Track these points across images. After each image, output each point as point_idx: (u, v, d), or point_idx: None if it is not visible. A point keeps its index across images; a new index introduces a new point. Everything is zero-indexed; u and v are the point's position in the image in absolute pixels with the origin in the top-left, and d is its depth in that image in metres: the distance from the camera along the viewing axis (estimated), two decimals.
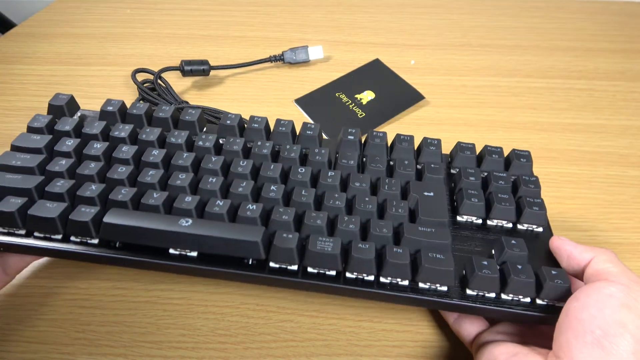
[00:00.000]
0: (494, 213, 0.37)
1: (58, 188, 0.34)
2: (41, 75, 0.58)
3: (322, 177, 0.37)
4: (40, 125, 0.39)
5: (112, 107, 0.41)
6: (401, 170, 0.38)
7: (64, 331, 0.39)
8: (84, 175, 0.36)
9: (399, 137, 0.41)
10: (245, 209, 0.34)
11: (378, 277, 0.33)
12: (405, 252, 0.32)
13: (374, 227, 0.34)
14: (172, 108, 0.42)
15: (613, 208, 0.47)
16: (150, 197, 0.34)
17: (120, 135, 0.39)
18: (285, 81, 0.57)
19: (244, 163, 0.37)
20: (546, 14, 0.65)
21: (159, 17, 0.65)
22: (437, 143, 0.41)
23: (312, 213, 0.34)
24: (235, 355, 0.38)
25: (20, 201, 0.33)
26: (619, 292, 0.28)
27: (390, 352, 0.38)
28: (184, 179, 0.36)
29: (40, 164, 0.36)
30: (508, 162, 0.41)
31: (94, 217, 0.33)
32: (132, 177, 0.36)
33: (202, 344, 0.39)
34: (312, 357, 0.38)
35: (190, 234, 0.32)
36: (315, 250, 0.32)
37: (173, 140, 0.39)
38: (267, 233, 0.33)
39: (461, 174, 0.39)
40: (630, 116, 0.54)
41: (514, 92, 0.56)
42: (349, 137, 0.40)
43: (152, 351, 0.38)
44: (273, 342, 0.39)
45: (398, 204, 0.36)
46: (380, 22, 0.64)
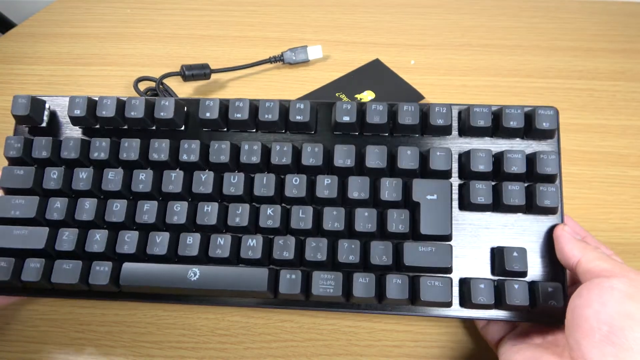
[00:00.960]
0: (501, 207, 0.36)
1: (68, 245, 0.36)
2: (41, 75, 0.58)
3: (318, 189, 0.36)
4: (17, 154, 0.38)
5: (79, 111, 0.38)
6: (403, 166, 0.36)
7: (64, 331, 0.39)
8: (85, 222, 0.37)
9: (401, 109, 0.37)
10: (247, 247, 0.35)
11: (380, 302, 0.35)
12: (404, 283, 0.34)
13: (374, 256, 0.35)
14: (142, 102, 0.38)
15: (613, 208, 0.47)
16: (154, 245, 0.36)
17: (101, 157, 0.37)
18: (285, 81, 0.57)
19: (236, 180, 0.37)
20: (546, 14, 0.65)
21: (159, 17, 0.65)
22: (447, 112, 0.37)
23: (312, 243, 0.35)
24: (235, 355, 0.38)
25: (40, 265, 0.36)
26: (619, 284, 0.27)
27: (390, 352, 0.38)
28: (180, 212, 0.36)
29: (38, 209, 0.37)
30: (529, 124, 0.37)
31: (110, 277, 0.35)
32: (129, 215, 0.37)
33: (202, 344, 0.39)
34: (312, 357, 0.38)
35: (200, 289, 0.35)
36: (318, 293, 0.34)
37: (156, 157, 0.37)
38: (272, 274, 0.35)
39: (470, 162, 0.36)
40: (630, 116, 0.53)
41: (514, 92, 0.56)
42: (344, 118, 0.37)
43: (152, 351, 0.38)
44: (273, 342, 0.39)
45: (399, 217, 0.35)
46: (380, 22, 0.64)
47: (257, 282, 0.34)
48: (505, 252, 0.34)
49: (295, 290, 0.34)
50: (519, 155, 0.36)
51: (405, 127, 0.37)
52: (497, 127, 0.37)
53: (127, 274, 0.35)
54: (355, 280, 0.34)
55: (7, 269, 0.36)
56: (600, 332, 0.26)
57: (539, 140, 0.37)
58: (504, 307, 0.34)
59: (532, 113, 0.36)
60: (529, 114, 0.37)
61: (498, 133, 0.37)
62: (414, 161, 0.36)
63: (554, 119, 0.36)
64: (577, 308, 0.28)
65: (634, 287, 0.27)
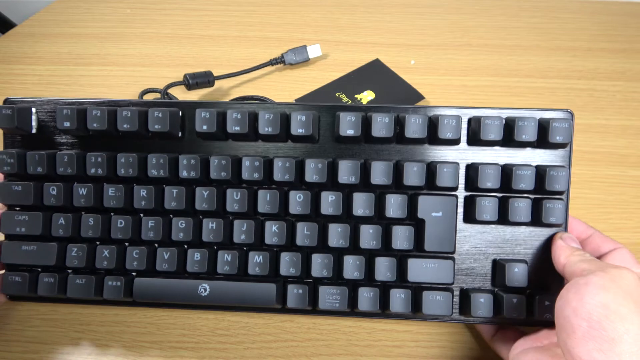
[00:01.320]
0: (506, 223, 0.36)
1: (78, 262, 0.37)
2: (41, 75, 0.58)
3: (323, 205, 0.36)
4: (11, 170, 0.37)
5: (68, 123, 0.37)
6: (409, 183, 0.35)
7: (64, 331, 0.39)
8: (92, 238, 0.37)
9: (409, 119, 0.35)
10: (254, 263, 0.36)
11: (384, 312, 0.36)
12: (407, 297, 0.35)
13: (378, 272, 0.35)
14: (134, 113, 0.36)
15: (613, 208, 0.47)
16: (163, 261, 0.37)
17: (98, 173, 0.37)
18: (285, 82, 0.58)
19: (238, 197, 0.36)
20: (546, 14, 0.65)
21: (159, 17, 0.65)
22: (456, 125, 0.35)
23: (317, 259, 0.36)
24: (235, 355, 0.38)
25: (54, 280, 0.37)
26: (594, 277, 0.28)
27: (390, 352, 0.38)
28: (184, 229, 0.37)
29: (44, 225, 0.37)
30: (543, 134, 0.35)
31: (124, 291, 0.37)
32: (135, 232, 0.37)
33: (202, 344, 0.39)
34: (312, 357, 0.38)
35: (210, 305, 0.37)
36: (325, 307, 0.35)
37: (155, 174, 0.36)
38: (279, 288, 0.36)
39: (477, 177, 0.35)
40: (630, 116, 0.53)
41: (514, 92, 0.56)
42: (348, 131, 0.36)
43: (152, 351, 0.38)
44: (273, 342, 0.39)
45: (403, 233, 0.35)
46: (380, 22, 0.64)
47: (266, 297, 0.35)
48: (506, 268, 0.35)
49: (303, 304, 0.36)
50: (528, 172, 0.35)
51: (413, 140, 0.36)
52: (509, 138, 0.35)
53: (140, 289, 0.37)
54: (360, 294, 0.35)
55: (23, 284, 0.37)
56: (580, 329, 0.26)
57: (551, 149, 0.36)
58: (502, 319, 0.35)
59: (546, 124, 0.35)
60: (543, 123, 0.35)
61: (509, 143, 0.36)
62: (419, 178, 0.35)
63: (568, 132, 0.35)
64: (559, 309, 0.28)
65: (609, 279, 0.27)
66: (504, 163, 0.36)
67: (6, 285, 0.37)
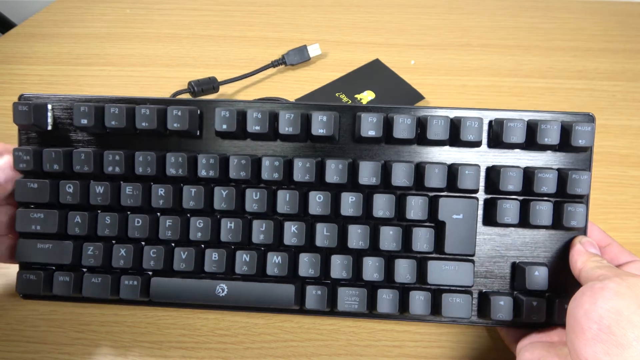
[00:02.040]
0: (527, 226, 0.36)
1: (94, 261, 0.37)
2: (41, 75, 0.58)
3: (343, 207, 0.36)
4: (27, 167, 0.37)
5: (86, 121, 0.36)
6: (430, 185, 0.35)
7: (64, 331, 0.39)
8: (107, 237, 0.37)
9: (431, 121, 0.35)
10: (272, 263, 0.36)
11: (402, 314, 0.36)
12: (427, 299, 0.35)
13: (397, 274, 0.35)
14: (154, 111, 0.36)
15: (613, 208, 0.47)
16: (180, 261, 0.36)
17: (116, 171, 0.36)
18: (285, 81, 0.58)
19: (257, 196, 0.36)
20: (546, 14, 0.65)
21: (159, 17, 0.65)
22: (478, 127, 0.35)
23: (337, 260, 0.36)
24: (235, 355, 0.38)
25: (69, 279, 0.36)
26: (610, 283, 0.28)
27: (390, 352, 0.38)
28: (202, 228, 0.36)
29: (60, 223, 0.37)
30: (566, 137, 0.35)
31: (140, 291, 0.36)
32: (152, 231, 0.37)
33: (202, 344, 0.39)
34: (312, 357, 0.38)
35: (228, 305, 0.36)
36: (344, 309, 0.35)
37: (174, 173, 0.36)
38: (298, 289, 0.36)
39: (499, 180, 0.35)
40: (631, 116, 0.53)
41: (514, 92, 0.56)
42: (369, 132, 0.35)
43: (152, 351, 0.38)
44: (273, 342, 0.39)
45: (424, 235, 0.35)
46: (380, 22, 0.64)
47: (285, 297, 0.35)
48: (527, 271, 0.35)
49: (322, 305, 0.35)
50: (550, 175, 0.35)
51: (434, 142, 0.36)
52: (531, 141, 0.35)
53: (157, 289, 0.36)
54: (379, 296, 0.35)
55: (38, 282, 0.36)
56: (590, 331, 0.27)
57: (573, 152, 0.36)
58: (521, 321, 0.35)
59: (569, 128, 0.35)
60: (565, 127, 0.35)
61: (531, 146, 0.36)
62: (441, 180, 0.35)
63: (590, 136, 0.35)
64: (571, 310, 0.28)
65: (625, 286, 0.27)
66: (525, 166, 0.36)
67: (20, 284, 0.37)
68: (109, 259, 0.37)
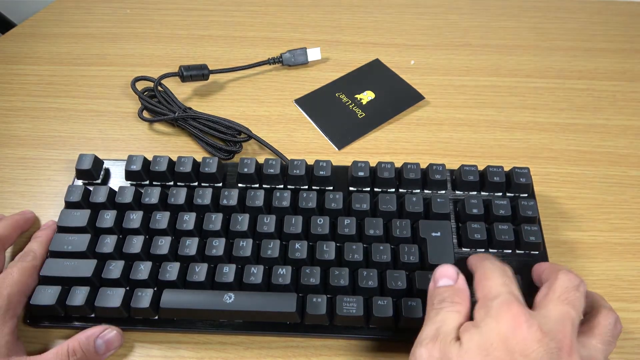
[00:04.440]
0: (494, 244, 0.41)
1: (113, 274, 0.38)
2: (41, 75, 0.58)
3: (339, 227, 0.41)
4: (76, 199, 0.42)
5: (135, 166, 0.44)
6: (410, 209, 0.42)
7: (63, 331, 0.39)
8: (132, 255, 0.40)
9: (405, 167, 0.44)
10: (277, 275, 0.38)
11: (396, 326, 0.38)
12: (418, 305, 0.37)
13: (390, 281, 0.38)
14: (190, 160, 0.44)
15: (613, 208, 0.47)
16: (194, 273, 0.39)
17: (151, 201, 0.42)
18: (285, 81, 0.57)
19: (268, 220, 0.41)
20: (546, 14, 0.65)
21: (159, 17, 0.65)
22: (442, 170, 0.44)
23: (335, 271, 0.39)
24: (235, 356, 0.38)
25: (85, 292, 0.38)
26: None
27: (390, 348, 0.38)
28: (218, 246, 0.40)
29: (89, 245, 0.40)
30: (509, 180, 0.44)
31: (151, 301, 0.37)
32: (173, 249, 0.40)
33: (202, 344, 0.39)
34: (312, 357, 0.38)
35: (234, 311, 0.37)
36: (342, 314, 0.37)
37: (200, 202, 0.42)
38: (299, 298, 0.38)
39: (464, 206, 0.42)
40: (630, 116, 0.53)
41: (514, 92, 0.56)
42: (359, 173, 0.44)
43: (152, 351, 0.38)
44: (273, 342, 0.39)
45: (409, 250, 0.40)
46: (380, 22, 0.64)
47: (287, 304, 0.37)
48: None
49: (321, 311, 0.37)
50: (504, 201, 0.42)
51: (409, 182, 0.43)
52: (483, 183, 0.44)
53: (168, 298, 0.37)
54: (374, 302, 0.37)
55: (53, 294, 0.37)
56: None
57: (519, 193, 0.44)
58: None
59: (510, 172, 0.44)
60: (508, 173, 0.44)
61: (484, 188, 0.44)
62: (418, 205, 0.42)
63: (528, 176, 0.43)
64: None
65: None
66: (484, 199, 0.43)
67: (34, 297, 0.37)
68: (128, 273, 0.39)
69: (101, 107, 0.55)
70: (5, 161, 0.50)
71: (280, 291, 0.38)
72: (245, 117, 0.53)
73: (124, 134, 0.52)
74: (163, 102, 0.52)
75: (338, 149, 0.51)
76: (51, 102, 0.55)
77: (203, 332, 0.38)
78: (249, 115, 0.54)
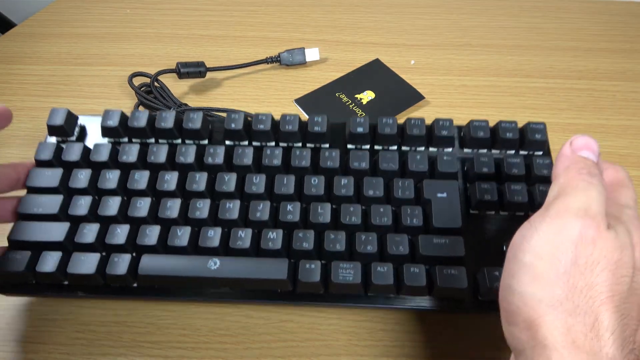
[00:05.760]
0: (506, 206, 0.37)
1: (88, 237, 0.36)
2: (41, 75, 0.58)
3: (335, 187, 0.37)
4: (47, 157, 0.39)
5: (112, 122, 0.40)
6: (414, 168, 0.38)
7: (64, 331, 0.39)
8: (108, 217, 0.37)
9: (409, 123, 0.40)
10: (267, 239, 0.35)
11: (397, 294, 0.35)
12: (421, 272, 0.34)
13: (390, 246, 0.35)
14: (172, 115, 0.40)
15: None
16: (175, 237, 0.36)
17: (129, 160, 0.39)
18: (284, 81, 0.57)
19: (257, 180, 0.38)
20: (546, 14, 0.65)
21: (159, 17, 0.65)
22: (449, 125, 0.39)
23: (330, 235, 0.35)
24: (235, 355, 0.38)
25: (57, 257, 0.35)
26: (538, 220, 0.27)
27: (391, 352, 0.38)
28: (202, 208, 0.37)
29: (61, 207, 0.37)
30: (522, 137, 0.40)
31: (129, 267, 0.35)
32: (152, 211, 0.37)
33: (202, 344, 0.39)
34: (312, 357, 0.38)
35: (220, 278, 0.34)
36: (338, 281, 0.34)
37: (182, 160, 0.39)
38: (291, 264, 0.35)
39: (474, 165, 0.38)
40: (631, 116, 0.53)
41: (514, 92, 0.56)
42: (358, 129, 0.39)
43: (152, 351, 0.38)
44: (273, 342, 0.39)
45: (412, 212, 0.36)
46: (380, 22, 0.64)
47: (277, 270, 0.34)
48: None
49: (315, 278, 0.34)
50: (517, 159, 0.38)
51: (413, 138, 0.39)
52: (495, 140, 0.40)
53: (147, 264, 0.35)
54: (373, 269, 0.34)
55: (22, 260, 0.35)
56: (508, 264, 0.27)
57: (533, 151, 0.40)
58: None
59: (525, 128, 0.40)
60: (522, 129, 0.40)
61: (496, 145, 0.40)
62: (423, 164, 0.38)
63: (544, 132, 0.39)
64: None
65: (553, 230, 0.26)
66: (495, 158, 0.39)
67: (1, 263, 0.35)
68: (104, 238, 0.36)
69: (101, 107, 0.54)
70: (5, 161, 0.50)
71: (270, 257, 0.35)
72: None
73: None
74: (159, 98, 0.52)
75: None
76: (51, 102, 0.55)
77: (185, 300, 0.37)
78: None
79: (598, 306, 0.24)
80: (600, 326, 0.23)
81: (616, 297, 0.24)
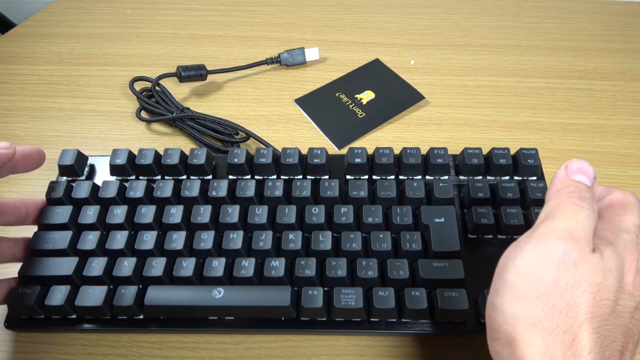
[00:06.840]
0: (503, 229, 0.38)
1: (95, 270, 0.37)
2: (41, 75, 0.58)
3: (336, 216, 0.39)
4: (58, 195, 0.40)
5: (120, 160, 0.42)
6: (411, 195, 0.39)
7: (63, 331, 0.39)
8: (115, 251, 0.38)
9: (405, 152, 0.41)
10: (270, 267, 0.36)
11: (400, 319, 0.36)
12: (422, 295, 0.35)
13: (391, 271, 0.36)
14: (177, 152, 0.42)
15: None
16: (181, 268, 0.37)
17: (136, 195, 0.40)
18: (284, 81, 0.57)
19: (260, 211, 0.39)
20: (546, 14, 0.65)
21: (159, 17, 0.65)
22: (444, 153, 0.41)
23: (332, 262, 0.36)
24: (235, 355, 0.38)
25: (65, 291, 0.36)
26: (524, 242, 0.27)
27: (391, 352, 0.38)
28: (206, 240, 0.38)
29: (70, 242, 0.38)
30: (516, 163, 0.41)
31: (135, 299, 0.35)
32: (159, 244, 0.38)
33: (202, 344, 0.39)
34: (312, 357, 0.38)
35: (224, 307, 0.35)
36: (341, 306, 0.34)
37: (187, 194, 0.40)
38: (294, 292, 0.36)
39: (469, 191, 0.40)
40: (631, 116, 0.53)
41: (514, 92, 0.56)
42: (356, 160, 0.41)
43: (152, 351, 0.38)
44: (273, 342, 0.39)
45: (411, 237, 0.37)
46: (380, 22, 0.64)
47: (281, 297, 0.35)
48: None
49: (317, 304, 0.35)
50: (512, 184, 0.39)
51: (409, 167, 0.41)
52: (489, 166, 0.41)
53: (153, 294, 0.36)
54: (375, 293, 0.35)
55: (32, 294, 0.36)
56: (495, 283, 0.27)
57: (527, 176, 0.41)
58: None
59: (517, 154, 0.41)
60: (514, 155, 0.41)
61: (490, 172, 0.41)
62: (420, 191, 0.39)
63: (536, 157, 0.41)
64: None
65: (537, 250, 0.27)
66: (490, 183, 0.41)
67: (12, 298, 0.36)
68: (111, 270, 0.37)
69: (101, 107, 0.55)
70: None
71: (273, 284, 0.36)
72: (245, 117, 0.53)
73: (124, 134, 0.52)
74: (161, 102, 0.52)
75: (338, 149, 0.51)
76: (51, 102, 0.55)
77: (191, 331, 0.38)
78: (248, 115, 0.54)
79: (577, 326, 0.24)
80: (577, 345, 0.24)
81: (596, 319, 0.24)
